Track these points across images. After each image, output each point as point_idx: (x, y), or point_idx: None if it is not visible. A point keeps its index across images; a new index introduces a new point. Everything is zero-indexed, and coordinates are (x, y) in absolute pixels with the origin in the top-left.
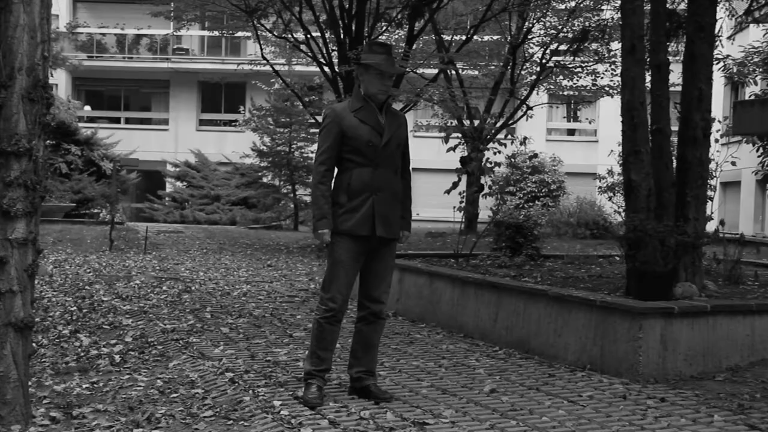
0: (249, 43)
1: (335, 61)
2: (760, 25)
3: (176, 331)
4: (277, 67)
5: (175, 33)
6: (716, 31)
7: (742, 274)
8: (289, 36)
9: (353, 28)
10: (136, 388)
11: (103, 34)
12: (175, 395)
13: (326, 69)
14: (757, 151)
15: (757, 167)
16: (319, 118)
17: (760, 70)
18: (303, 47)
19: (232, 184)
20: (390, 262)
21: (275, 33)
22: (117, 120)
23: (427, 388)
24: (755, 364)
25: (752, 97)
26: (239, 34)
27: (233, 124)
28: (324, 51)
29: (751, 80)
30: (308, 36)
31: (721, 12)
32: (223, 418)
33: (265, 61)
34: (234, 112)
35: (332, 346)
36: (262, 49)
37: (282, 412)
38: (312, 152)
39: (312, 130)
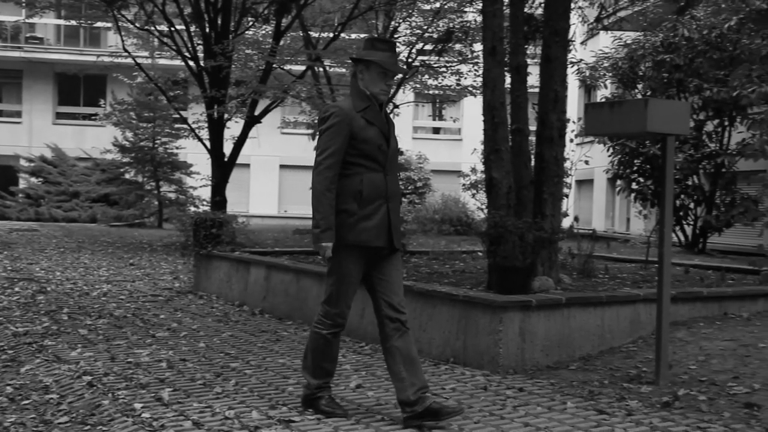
0: (110, 34)
1: (201, 55)
2: (609, 32)
3: (29, 334)
4: (139, 60)
5: (27, 20)
6: (570, 36)
7: (594, 267)
8: (152, 28)
9: (219, 22)
10: None
11: None
12: (26, 402)
13: (191, 63)
14: (608, 151)
15: (607, 166)
16: (185, 114)
17: (610, 74)
18: (167, 40)
19: (92, 180)
20: (402, 270)
21: (137, 24)
22: None
23: (293, 386)
24: (605, 352)
25: (603, 100)
26: (99, 24)
27: (93, 118)
28: (189, 45)
29: (602, 84)
30: (172, 29)
31: (574, 18)
32: (80, 423)
33: (126, 54)
34: (94, 105)
35: (337, 357)
36: (123, 41)
37: (143, 415)
38: (177, 148)
39: (177, 125)
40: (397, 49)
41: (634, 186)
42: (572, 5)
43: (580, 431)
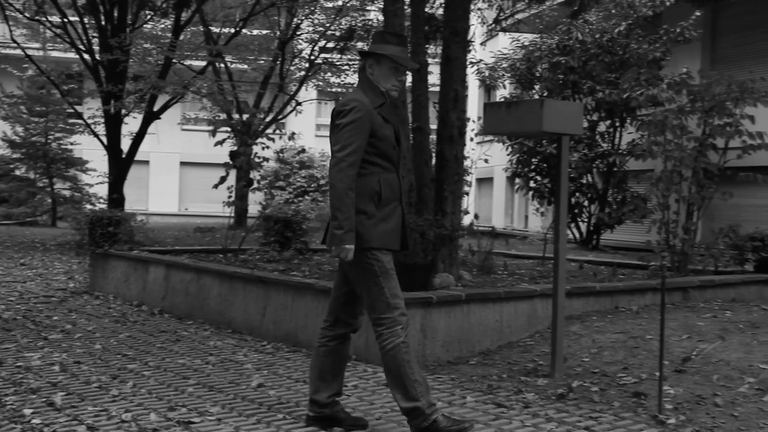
0: None
1: (96, 48)
2: (507, 33)
3: None
4: (30, 52)
5: None
6: (470, 36)
7: (494, 264)
8: (44, 18)
9: (115, 14)
10: None
11: None
12: None
13: (86, 56)
14: (507, 149)
15: (506, 165)
16: (80, 108)
17: (508, 75)
18: (59, 32)
19: None
20: None
21: (27, 14)
22: None
23: (193, 386)
24: (503, 347)
25: (501, 100)
26: None
27: None
28: (84, 37)
29: (501, 84)
30: (65, 20)
31: (473, 19)
32: None
33: (15, 45)
34: None
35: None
36: (11, 31)
37: (33, 421)
38: (72, 144)
39: (71, 121)
40: (302, 47)
41: (532, 184)
42: (472, 6)
43: (480, 425)
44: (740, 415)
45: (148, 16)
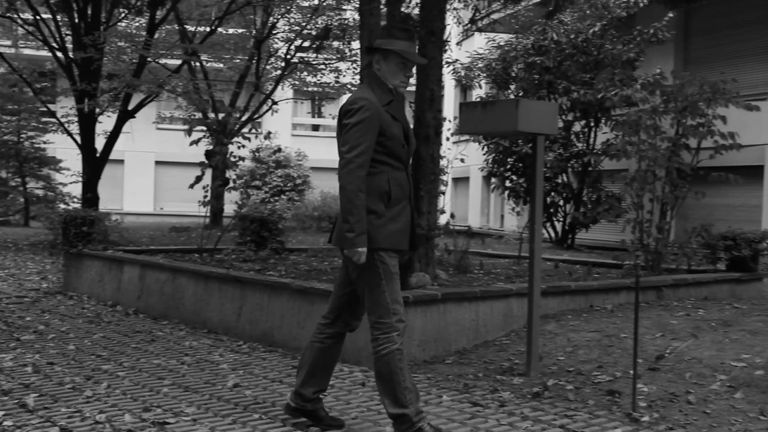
0: None
1: (70, 46)
2: (483, 34)
3: None
4: (1, 49)
5: None
6: (446, 36)
7: (470, 263)
8: (15, 15)
9: (89, 12)
10: None
11: None
12: None
13: (59, 54)
14: (483, 149)
15: (482, 164)
16: (53, 107)
17: (484, 75)
18: (31, 29)
19: None
20: None
21: None
22: None
23: (168, 387)
24: (479, 346)
25: (477, 99)
26: None
27: None
28: (57, 35)
29: (477, 84)
30: (37, 17)
31: (449, 19)
32: None
33: None
34: None
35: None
36: None
37: (5, 423)
38: (45, 142)
39: (44, 119)
40: (277, 45)
41: (507, 184)
42: (448, 6)
43: (456, 423)
44: (712, 412)
45: (123, 14)
